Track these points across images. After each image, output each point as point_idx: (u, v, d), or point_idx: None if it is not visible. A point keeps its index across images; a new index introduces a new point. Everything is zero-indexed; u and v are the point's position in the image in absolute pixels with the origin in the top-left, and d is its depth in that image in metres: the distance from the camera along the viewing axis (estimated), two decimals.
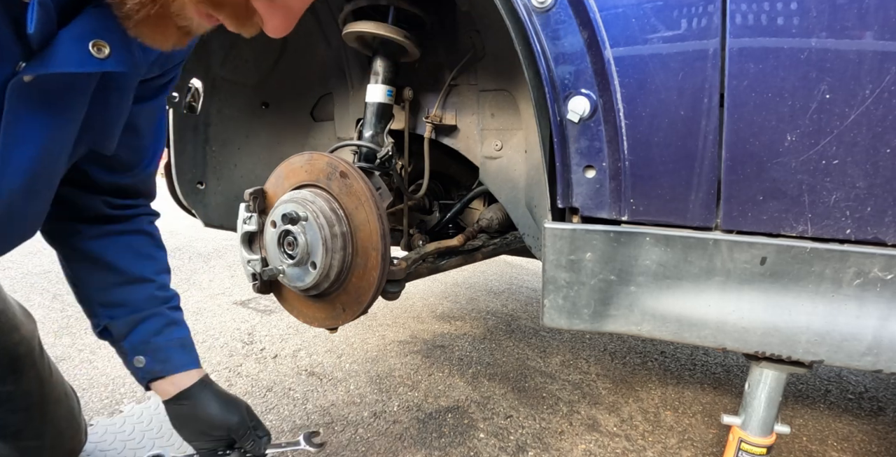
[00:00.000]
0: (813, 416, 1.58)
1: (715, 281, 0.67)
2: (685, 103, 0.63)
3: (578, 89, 0.68)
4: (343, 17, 1.07)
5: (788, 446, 1.39)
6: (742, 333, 0.67)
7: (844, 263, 0.61)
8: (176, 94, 1.15)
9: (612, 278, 0.71)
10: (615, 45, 0.64)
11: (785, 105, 0.59)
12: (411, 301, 2.56)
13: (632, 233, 0.69)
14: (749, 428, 0.75)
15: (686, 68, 0.62)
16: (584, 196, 0.72)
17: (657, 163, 0.66)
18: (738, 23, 0.59)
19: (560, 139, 0.70)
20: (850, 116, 0.57)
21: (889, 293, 0.60)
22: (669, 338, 0.71)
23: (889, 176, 0.58)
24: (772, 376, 0.73)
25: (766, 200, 0.63)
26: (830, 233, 0.62)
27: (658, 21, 0.62)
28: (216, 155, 1.33)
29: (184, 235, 3.99)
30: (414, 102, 1.23)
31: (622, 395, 1.64)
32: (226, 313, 2.17)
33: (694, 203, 0.67)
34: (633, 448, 1.32)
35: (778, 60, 0.58)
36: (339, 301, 1.06)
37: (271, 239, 1.03)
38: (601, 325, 0.74)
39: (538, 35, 0.68)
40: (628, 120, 0.66)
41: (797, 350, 0.65)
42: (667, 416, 1.51)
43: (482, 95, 1.14)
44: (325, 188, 1.02)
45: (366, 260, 0.99)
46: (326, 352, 1.83)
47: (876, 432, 1.51)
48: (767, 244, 0.63)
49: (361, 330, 2.08)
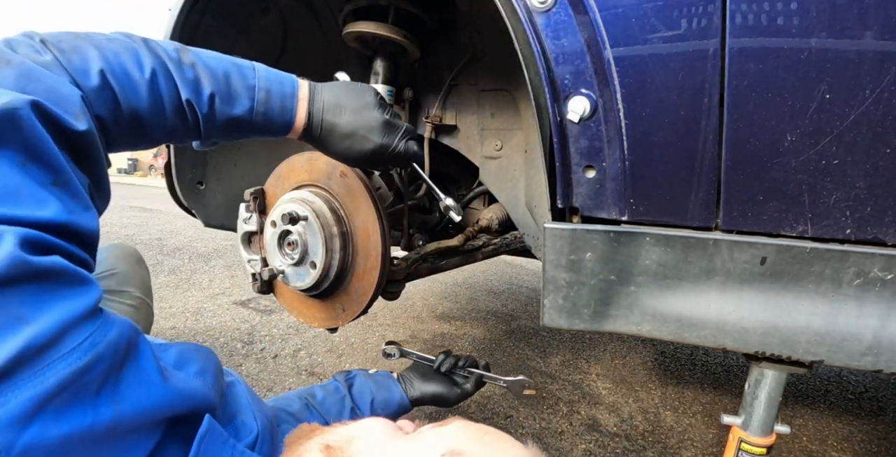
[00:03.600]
0: (813, 416, 1.58)
1: (715, 281, 0.67)
2: (685, 103, 0.63)
3: (578, 89, 0.68)
4: (343, 17, 1.07)
5: (788, 446, 1.39)
6: (742, 333, 0.67)
7: (844, 263, 0.61)
8: None
9: (612, 278, 0.71)
10: (615, 44, 0.64)
11: (785, 105, 0.59)
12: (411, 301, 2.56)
13: (632, 233, 0.69)
14: (749, 428, 0.75)
15: (686, 68, 0.62)
16: (584, 196, 0.72)
17: (657, 163, 0.66)
18: (738, 23, 0.59)
19: (560, 139, 0.70)
20: (850, 116, 0.57)
21: (889, 293, 0.60)
22: (669, 338, 0.71)
23: (889, 176, 0.58)
24: (772, 376, 0.73)
25: (766, 200, 0.63)
26: (830, 233, 0.62)
27: (658, 21, 0.62)
28: (216, 155, 1.33)
29: (184, 235, 3.99)
30: (414, 102, 1.23)
31: (622, 395, 1.64)
32: (226, 313, 2.17)
33: (694, 203, 0.67)
34: (633, 448, 1.32)
35: (778, 60, 0.58)
36: (339, 301, 1.06)
37: (271, 239, 1.03)
38: (601, 325, 0.74)
39: (538, 35, 0.68)
40: (628, 120, 0.66)
41: (797, 350, 0.65)
42: (667, 416, 1.51)
43: (482, 95, 1.14)
44: (325, 188, 1.02)
45: (366, 260, 0.99)
46: (326, 352, 1.83)
47: (876, 432, 1.51)
48: (767, 244, 0.63)
49: (361, 330, 2.08)
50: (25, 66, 0.44)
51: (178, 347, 0.56)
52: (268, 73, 0.67)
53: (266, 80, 0.66)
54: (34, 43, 0.48)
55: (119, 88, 0.52)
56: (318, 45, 1.28)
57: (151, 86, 0.55)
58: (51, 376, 0.30)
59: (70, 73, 0.49)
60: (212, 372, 0.56)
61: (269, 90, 0.66)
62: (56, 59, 0.48)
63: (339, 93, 0.73)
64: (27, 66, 0.44)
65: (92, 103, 0.50)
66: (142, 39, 0.57)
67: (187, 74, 0.58)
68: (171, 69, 0.57)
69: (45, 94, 0.43)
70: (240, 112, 0.63)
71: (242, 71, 0.65)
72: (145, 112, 0.55)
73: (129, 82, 0.53)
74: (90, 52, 0.51)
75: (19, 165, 0.38)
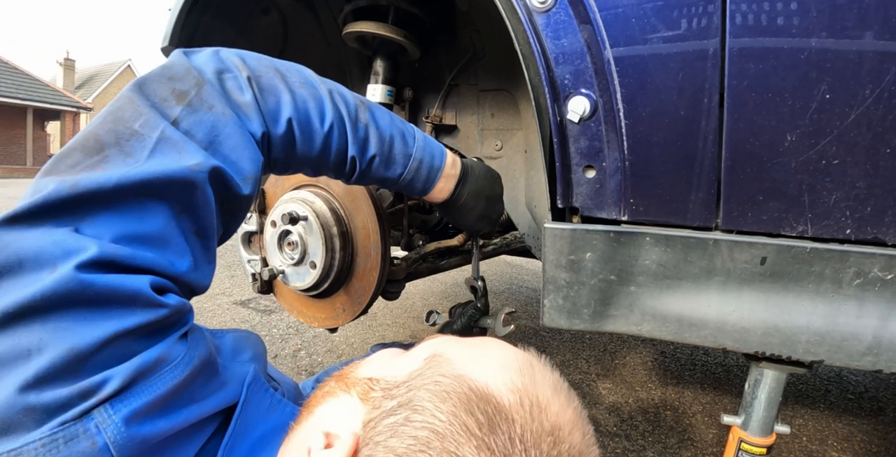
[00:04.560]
0: (813, 416, 1.58)
1: (715, 281, 0.67)
2: (685, 103, 0.63)
3: (578, 89, 0.68)
4: (343, 17, 1.07)
5: (788, 446, 1.39)
6: (742, 333, 0.67)
7: (844, 263, 0.61)
8: None
9: (612, 278, 0.71)
10: (615, 45, 0.64)
11: (785, 105, 0.59)
12: (411, 301, 2.56)
13: (632, 233, 0.69)
14: (749, 428, 0.75)
15: (686, 68, 0.62)
16: (584, 196, 0.72)
17: (657, 163, 0.66)
18: (738, 23, 0.59)
19: (560, 139, 0.70)
20: (850, 116, 0.57)
21: (889, 293, 0.60)
22: (669, 338, 0.71)
23: (889, 176, 0.58)
24: (772, 376, 0.72)
25: (766, 200, 0.63)
26: (830, 233, 0.62)
27: (658, 21, 0.62)
28: None
29: None
30: (414, 102, 1.23)
31: (622, 395, 1.64)
32: (226, 313, 2.17)
33: (694, 203, 0.66)
34: (633, 448, 1.32)
35: (778, 60, 0.58)
36: (338, 301, 1.06)
37: (271, 239, 1.03)
38: (601, 325, 0.74)
39: (538, 35, 0.68)
40: (628, 120, 0.66)
41: (797, 350, 0.65)
42: (667, 416, 1.51)
43: (482, 95, 1.14)
44: (325, 188, 1.02)
45: (366, 260, 0.99)
46: (326, 352, 1.83)
47: (876, 432, 1.51)
48: (767, 244, 0.63)
49: (361, 330, 2.08)
50: (224, 118, 0.48)
51: (232, 334, 0.61)
52: (424, 144, 0.71)
53: (422, 150, 0.70)
54: (240, 77, 0.51)
55: (299, 137, 0.57)
56: (318, 45, 1.28)
57: (326, 138, 0.59)
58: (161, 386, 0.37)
59: (263, 115, 0.52)
60: (261, 358, 0.61)
61: (422, 161, 0.70)
62: (254, 101, 0.51)
63: (483, 182, 0.80)
64: (225, 118, 0.48)
65: (271, 146, 0.55)
66: (328, 89, 0.60)
67: (359, 134, 0.62)
68: (346, 126, 0.61)
69: (230, 152, 0.48)
70: (391, 175, 0.68)
71: (405, 138, 0.68)
72: (311, 158, 0.60)
73: (309, 132, 0.57)
74: (284, 97, 0.54)
75: (175, 215, 0.42)
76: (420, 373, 0.43)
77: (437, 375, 0.42)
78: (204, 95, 0.47)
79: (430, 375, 0.42)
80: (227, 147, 0.47)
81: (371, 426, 0.40)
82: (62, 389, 0.33)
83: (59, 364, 0.33)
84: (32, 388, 0.32)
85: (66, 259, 0.34)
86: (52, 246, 0.35)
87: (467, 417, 0.37)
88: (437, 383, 0.41)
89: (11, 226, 0.35)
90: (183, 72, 0.48)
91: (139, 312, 0.37)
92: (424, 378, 0.42)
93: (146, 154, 0.41)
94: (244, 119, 0.50)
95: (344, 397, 0.45)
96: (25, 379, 0.32)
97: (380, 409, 0.41)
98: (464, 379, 0.41)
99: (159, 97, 0.45)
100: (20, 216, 0.35)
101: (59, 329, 0.33)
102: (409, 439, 0.37)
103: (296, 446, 0.43)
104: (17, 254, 0.34)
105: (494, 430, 0.37)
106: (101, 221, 0.38)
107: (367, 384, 0.45)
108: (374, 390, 0.44)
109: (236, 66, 0.52)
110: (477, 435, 0.36)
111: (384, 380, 0.45)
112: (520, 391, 0.40)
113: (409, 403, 0.40)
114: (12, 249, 0.34)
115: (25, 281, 0.34)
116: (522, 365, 0.45)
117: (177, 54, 0.50)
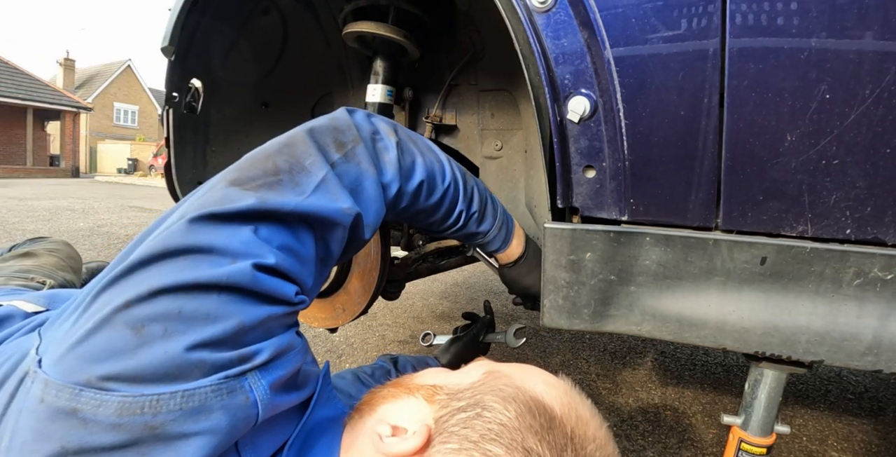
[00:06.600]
0: (813, 416, 1.58)
1: (715, 281, 0.67)
2: (685, 103, 0.63)
3: (578, 89, 0.68)
4: (343, 17, 1.07)
5: (788, 446, 1.39)
6: (742, 333, 0.67)
7: (844, 263, 0.61)
8: (176, 94, 1.15)
9: (612, 278, 0.71)
10: (615, 45, 0.64)
11: (785, 105, 0.59)
12: (411, 301, 2.56)
13: (632, 233, 0.69)
14: (749, 428, 0.75)
15: (686, 68, 0.62)
16: (584, 196, 0.72)
17: (657, 163, 0.66)
18: (738, 23, 0.59)
19: (560, 139, 0.70)
20: (850, 116, 0.57)
21: (889, 293, 0.60)
22: (669, 338, 0.71)
23: (889, 176, 0.58)
24: (772, 376, 0.72)
25: (766, 200, 0.63)
26: (830, 233, 0.62)
27: (658, 21, 0.62)
28: (216, 155, 1.33)
29: None
30: (414, 102, 1.23)
31: (622, 395, 1.64)
32: None
33: (694, 203, 0.66)
34: (633, 448, 1.32)
35: (778, 60, 0.58)
36: (338, 301, 1.06)
37: None
38: (601, 325, 0.74)
39: (538, 35, 0.68)
40: (628, 120, 0.66)
41: (797, 350, 0.65)
42: (667, 416, 1.51)
43: (482, 95, 1.14)
44: None
45: (366, 260, 0.99)
46: (326, 352, 1.83)
47: (876, 432, 1.51)
48: (767, 244, 0.63)
49: (361, 330, 2.08)
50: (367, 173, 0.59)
51: None
52: (503, 208, 0.86)
53: (503, 213, 0.85)
54: (386, 139, 0.64)
55: (425, 193, 0.68)
56: (318, 45, 1.28)
57: (443, 194, 0.71)
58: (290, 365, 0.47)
59: (400, 175, 0.63)
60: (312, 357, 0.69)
61: (505, 221, 0.85)
62: (397, 160, 0.63)
63: (535, 244, 0.92)
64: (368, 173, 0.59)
65: (401, 197, 0.65)
66: (446, 156, 0.73)
67: (468, 193, 0.76)
68: (459, 186, 0.74)
69: (363, 202, 0.58)
70: (482, 229, 0.82)
71: (494, 201, 0.83)
72: (427, 208, 0.71)
73: (433, 189, 0.69)
74: (418, 160, 0.67)
75: (315, 242, 0.53)
76: (483, 382, 0.52)
77: (501, 384, 0.51)
78: (357, 150, 0.59)
79: (493, 384, 0.51)
80: (363, 197, 0.58)
81: (444, 420, 0.48)
82: (228, 352, 0.41)
83: (230, 333, 0.41)
84: (205, 347, 0.40)
85: (246, 258, 0.44)
86: (239, 244, 0.44)
87: (530, 418, 0.46)
88: (501, 390, 0.50)
89: (211, 221, 0.45)
90: (345, 126, 0.60)
91: (283, 306, 0.47)
92: (488, 386, 0.51)
93: (311, 188, 0.52)
94: (384, 175, 0.61)
95: (409, 398, 0.53)
96: (200, 339, 0.40)
97: (448, 408, 0.49)
98: (524, 389, 0.50)
99: (324, 143, 0.57)
100: (220, 215, 0.45)
101: (231, 304, 0.42)
102: (481, 429, 0.45)
103: (362, 435, 0.51)
104: (211, 241, 0.43)
105: (552, 430, 0.46)
106: (273, 230, 0.48)
107: (432, 389, 0.53)
108: (438, 394, 0.52)
109: (385, 132, 0.64)
110: (538, 432, 0.45)
111: (447, 387, 0.53)
112: (567, 406, 0.49)
113: (478, 403, 0.48)
114: (209, 237, 0.44)
115: (212, 263, 0.42)
116: (566, 387, 0.54)
117: (342, 111, 0.62)
